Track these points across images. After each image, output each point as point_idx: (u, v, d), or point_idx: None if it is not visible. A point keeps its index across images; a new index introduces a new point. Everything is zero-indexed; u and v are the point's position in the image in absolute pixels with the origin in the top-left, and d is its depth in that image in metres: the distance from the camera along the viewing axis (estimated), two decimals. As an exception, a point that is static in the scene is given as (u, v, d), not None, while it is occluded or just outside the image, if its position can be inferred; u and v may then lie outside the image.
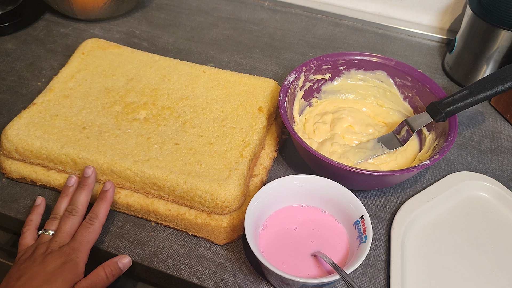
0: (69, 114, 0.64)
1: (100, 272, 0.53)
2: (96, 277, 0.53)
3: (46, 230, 0.56)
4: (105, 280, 0.53)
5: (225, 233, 0.57)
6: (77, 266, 0.52)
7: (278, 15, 0.97)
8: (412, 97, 0.70)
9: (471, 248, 0.59)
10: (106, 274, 0.54)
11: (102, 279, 0.53)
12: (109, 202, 0.58)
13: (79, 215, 0.56)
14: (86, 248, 0.54)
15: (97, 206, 0.57)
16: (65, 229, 0.55)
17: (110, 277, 0.54)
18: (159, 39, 0.89)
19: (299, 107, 0.70)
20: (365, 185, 0.62)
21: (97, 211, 0.56)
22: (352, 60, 0.71)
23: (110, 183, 0.58)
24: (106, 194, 0.58)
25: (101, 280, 0.53)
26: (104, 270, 0.54)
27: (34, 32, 0.90)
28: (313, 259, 0.53)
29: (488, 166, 0.69)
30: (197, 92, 0.68)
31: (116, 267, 0.55)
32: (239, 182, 0.57)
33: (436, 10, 0.92)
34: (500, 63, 0.77)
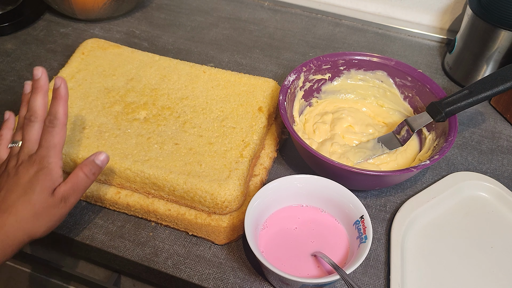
0: (69, 114, 0.64)
1: (79, 173, 0.52)
2: (75, 178, 0.52)
3: (14, 141, 0.55)
4: (85, 179, 0.52)
5: (225, 233, 0.57)
6: (52, 171, 0.51)
7: (278, 15, 0.97)
8: (412, 97, 0.70)
9: (471, 248, 0.59)
10: (86, 174, 0.52)
11: (82, 179, 0.52)
12: (65, 99, 0.53)
13: (39, 120, 0.53)
14: (56, 152, 0.52)
15: (53, 106, 0.53)
16: (29, 138, 0.53)
17: (90, 176, 0.52)
18: (159, 39, 0.89)
19: (299, 107, 0.70)
20: (365, 185, 0.62)
21: (54, 111, 0.53)
22: (352, 60, 0.71)
23: (59, 79, 0.53)
24: (58, 91, 0.53)
25: (81, 180, 0.52)
26: (82, 171, 0.52)
27: (34, 32, 0.90)
28: (313, 259, 0.53)
29: (488, 166, 0.69)
30: (197, 92, 0.68)
31: (94, 165, 0.53)
32: (239, 182, 0.57)
33: (436, 10, 0.92)
34: (500, 63, 0.77)
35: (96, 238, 0.59)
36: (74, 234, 0.60)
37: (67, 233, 0.60)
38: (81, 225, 0.60)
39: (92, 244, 0.59)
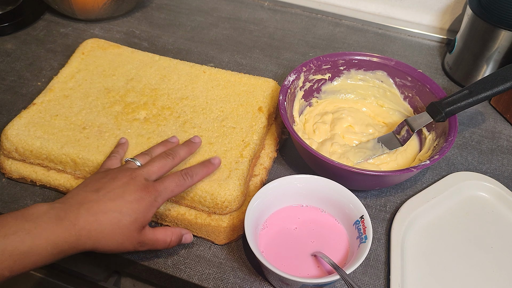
0: (69, 114, 0.64)
1: (167, 236, 0.52)
2: (163, 237, 0.52)
3: (134, 159, 0.55)
4: (165, 245, 0.53)
5: (225, 233, 0.57)
6: (152, 209, 0.50)
7: (278, 15, 0.97)
8: (412, 97, 0.70)
9: (471, 248, 0.59)
10: (170, 242, 0.53)
11: (165, 242, 0.52)
12: (210, 171, 0.56)
13: (174, 162, 0.54)
14: (167, 197, 0.52)
15: (198, 167, 0.55)
16: (154, 165, 0.53)
17: (170, 245, 0.53)
18: (159, 39, 0.89)
19: (299, 107, 0.70)
20: (365, 185, 0.62)
21: (196, 171, 0.54)
22: (352, 60, 0.71)
23: (218, 159, 0.57)
24: (211, 165, 0.56)
25: (163, 243, 0.52)
26: (171, 237, 0.53)
27: (34, 32, 0.90)
28: (313, 259, 0.53)
29: (488, 166, 0.69)
30: (197, 92, 0.68)
31: (179, 239, 0.54)
32: (239, 182, 0.57)
33: (436, 10, 0.92)
34: (500, 63, 0.77)
35: (96, 238, 0.59)
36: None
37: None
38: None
39: (92, 244, 0.59)
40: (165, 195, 0.51)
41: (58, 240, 0.45)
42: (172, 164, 0.54)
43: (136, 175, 0.51)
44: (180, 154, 0.56)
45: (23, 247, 0.42)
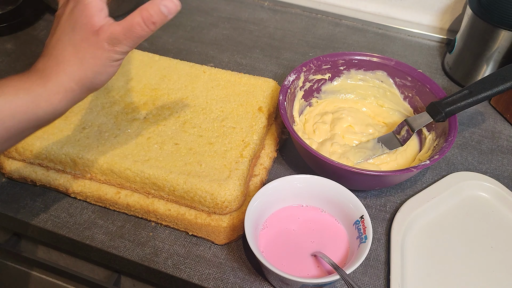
0: (69, 114, 0.64)
1: (135, 16, 0.43)
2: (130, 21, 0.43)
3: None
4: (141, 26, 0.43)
5: (225, 233, 0.57)
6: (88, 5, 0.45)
7: (278, 15, 0.97)
8: (412, 97, 0.70)
9: (471, 248, 0.59)
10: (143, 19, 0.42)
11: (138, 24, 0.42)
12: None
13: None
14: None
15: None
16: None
17: (149, 24, 0.43)
18: (159, 39, 0.89)
19: (299, 107, 0.70)
20: (365, 185, 0.62)
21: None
22: (352, 60, 0.71)
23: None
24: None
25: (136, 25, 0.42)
26: (140, 14, 0.42)
27: (34, 32, 0.90)
28: (313, 259, 0.53)
29: (488, 166, 0.69)
30: (197, 92, 0.68)
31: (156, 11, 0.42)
32: (239, 182, 0.57)
33: (436, 10, 0.92)
34: (500, 63, 0.77)
35: (96, 238, 0.59)
36: (74, 234, 0.60)
37: (67, 233, 0.60)
38: (81, 225, 0.60)
39: (92, 244, 0.59)
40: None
41: None
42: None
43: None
44: None
45: None
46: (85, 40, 0.43)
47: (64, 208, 0.62)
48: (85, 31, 0.43)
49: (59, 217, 0.61)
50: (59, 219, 0.61)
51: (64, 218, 0.61)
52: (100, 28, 0.44)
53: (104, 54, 0.43)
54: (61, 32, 0.44)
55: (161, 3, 0.42)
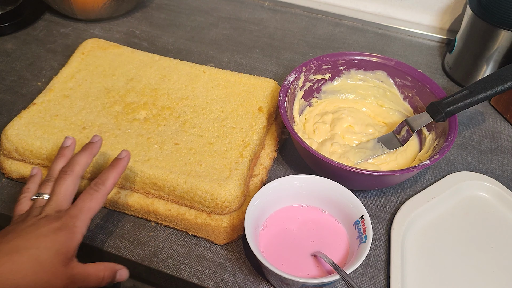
0: (69, 114, 0.64)
1: (100, 272, 0.48)
2: (95, 272, 0.48)
3: (40, 193, 0.51)
4: (98, 282, 0.48)
5: (225, 233, 0.57)
6: (74, 236, 0.46)
7: (278, 15, 0.97)
8: (412, 97, 0.70)
9: (471, 248, 0.59)
10: (104, 278, 0.49)
11: (97, 278, 0.48)
12: (121, 171, 0.52)
13: (74, 175, 0.50)
14: (87, 217, 0.48)
15: (106, 172, 0.51)
16: (60, 191, 0.49)
17: (103, 282, 0.49)
18: (159, 39, 0.89)
19: (299, 107, 0.70)
20: (365, 185, 0.62)
21: (105, 177, 0.50)
22: (352, 60, 0.71)
23: (126, 152, 0.53)
24: (119, 162, 0.52)
25: (96, 279, 0.48)
26: (104, 273, 0.49)
27: (34, 32, 0.90)
28: (313, 259, 0.53)
29: (488, 166, 0.69)
30: (197, 92, 0.68)
31: (113, 274, 0.50)
32: (239, 182, 0.57)
33: (436, 10, 0.92)
34: (500, 63, 0.77)
35: (96, 238, 0.59)
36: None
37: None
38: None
39: (92, 244, 0.59)
40: (84, 217, 0.48)
41: None
42: (74, 179, 0.50)
43: (46, 212, 0.48)
44: (80, 163, 0.51)
45: None
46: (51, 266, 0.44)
47: (64, 208, 0.62)
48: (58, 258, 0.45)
49: (59, 217, 0.61)
50: (59, 219, 0.61)
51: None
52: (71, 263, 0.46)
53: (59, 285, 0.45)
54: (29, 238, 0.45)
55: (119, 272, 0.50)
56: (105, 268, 0.49)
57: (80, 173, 0.51)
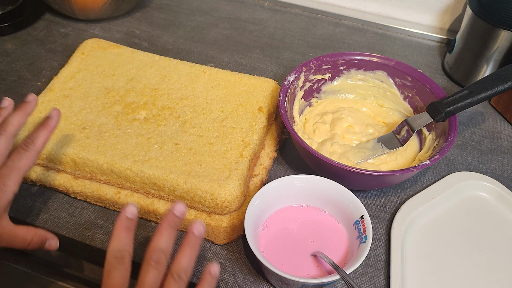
0: (69, 114, 0.64)
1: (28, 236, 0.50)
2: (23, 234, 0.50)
3: None
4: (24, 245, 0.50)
5: (225, 233, 0.57)
6: (3, 194, 0.48)
7: (278, 15, 0.97)
8: (412, 97, 0.70)
9: (471, 248, 0.59)
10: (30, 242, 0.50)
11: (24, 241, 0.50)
12: (51, 130, 0.51)
13: (7, 135, 0.50)
14: (18, 176, 0.49)
15: (36, 131, 0.51)
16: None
17: (30, 246, 0.51)
18: (159, 39, 0.89)
19: (299, 107, 0.70)
20: (365, 185, 0.62)
21: (34, 136, 0.50)
22: (352, 60, 0.71)
23: (56, 110, 0.52)
24: (49, 121, 0.52)
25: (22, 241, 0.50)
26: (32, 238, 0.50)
27: (34, 32, 0.90)
28: (313, 259, 0.53)
29: (488, 166, 0.69)
30: (197, 92, 0.68)
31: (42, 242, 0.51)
32: (239, 182, 0.57)
33: (436, 10, 0.92)
34: (500, 63, 0.77)
35: (96, 238, 0.59)
36: (74, 234, 0.59)
37: (67, 233, 0.60)
38: (81, 225, 0.60)
39: (92, 244, 0.59)
40: (14, 176, 0.48)
41: None
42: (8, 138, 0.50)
43: None
44: (13, 123, 0.51)
45: None
46: None
47: (64, 208, 0.62)
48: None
49: (59, 217, 0.61)
50: (59, 219, 0.61)
51: (64, 218, 0.61)
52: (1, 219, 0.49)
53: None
54: None
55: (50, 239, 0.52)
56: (34, 233, 0.50)
57: (13, 132, 0.51)
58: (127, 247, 0.44)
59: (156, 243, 0.44)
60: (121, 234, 0.44)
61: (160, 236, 0.44)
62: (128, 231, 0.45)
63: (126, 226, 0.45)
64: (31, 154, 0.50)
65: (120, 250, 0.44)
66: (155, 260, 0.43)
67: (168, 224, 0.45)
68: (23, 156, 0.49)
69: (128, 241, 0.45)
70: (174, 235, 0.45)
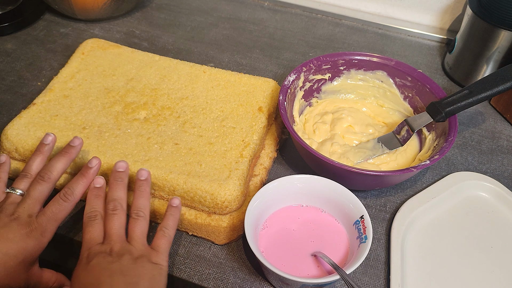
0: (69, 114, 0.64)
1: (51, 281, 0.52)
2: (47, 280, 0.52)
3: (14, 188, 0.53)
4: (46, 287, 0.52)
5: (225, 233, 0.57)
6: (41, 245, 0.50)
7: (278, 15, 0.97)
8: (412, 97, 0.70)
9: (471, 248, 0.59)
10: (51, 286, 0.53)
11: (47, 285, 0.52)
12: (90, 180, 0.54)
13: (51, 182, 0.53)
14: (54, 226, 0.51)
15: (76, 181, 0.53)
16: (34, 195, 0.51)
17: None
18: (159, 39, 0.89)
19: (299, 107, 0.70)
20: (365, 185, 0.62)
21: (74, 187, 0.53)
22: (352, 60, 0.71)
23: (97, 159, 0.55)
24: (88, 171, 0.54)
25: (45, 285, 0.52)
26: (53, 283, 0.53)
27: (34, 32, 0.90)
28: (313, 259, 0.53)
29: (488, 166, 0.69)
30: (197, 92, 0.68)
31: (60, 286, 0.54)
32: (239, 182, 0.57)
33: (436, 10, 0.92)
34: (500, 63, 0.77)
35: (96, 238, 0.59)
36: (74, 234, 0.59)
37: (67, 233, 0.59)
38: (81, 225, 0.60)
39: (92, 244, 0.59)
40: (52, 226, 0.51)
41: None
42: (49, 185, 0.53)
43: (18, 215, 0.50)
44: (58, 169, 0.54)
45: None
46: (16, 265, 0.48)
47: (64, 208, 0.62)
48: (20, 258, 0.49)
49: (59, 217, 0.61)
50: (59, 219, 0.61)
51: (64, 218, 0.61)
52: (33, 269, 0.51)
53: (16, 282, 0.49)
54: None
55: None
56: (56, 280, 0.53)
57: (56, 178, 0.54)
58: (97, 207, 0.52)
59: (109, 196, 0.53)
60: (91, 200, 0.53)
61: (111, 190, 0.53)
62: (98, 197, 0.53)
63: (95, 194, 0.53)
64: (69, 205, 0.53)
65: (91, 211, 0.52)
66: (112, 208, 0.51)
67: (114, 179, 0.54)
68: (62, 207, 0.52)
69: (98, 203, 0.53)
70: (123, 187, 0.53)
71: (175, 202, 0.54)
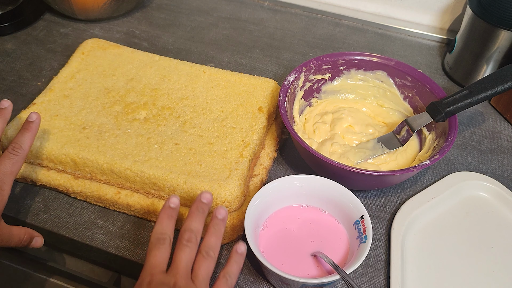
0: (69, 114, 0.64)
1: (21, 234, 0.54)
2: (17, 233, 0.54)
3: None
4: (19, 243, 0.54)
5: (225, 233, 0.57)
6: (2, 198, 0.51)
7: (278, 15, 0.97)
8: (412, 97, 0.70)
9: (471, 248, 0.59)
10: (23, 240, 0.54)
11: (19, 240, 0.54)
12: (34, 132, 0.55)
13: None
14: (11, 180, 0.53)
15: (21, 135, 0.55)
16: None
17: (22, 244, 0.55)
18: (159, 39, 0.89)
19: (299, 107, 0.70)
20: (365, 185, 0.62)
21: (21, 141, 0.54)
22: (352, 60, 0.71)
23: (36, 114, 0.56)
24: (31, 124, 0.56)
25: (17, 240, 0.54)
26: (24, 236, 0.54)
27: (34, 32, 0.90)
28: (313, 259, 0.53)
29: (488, 166, 0.69)
30: (197, 92, 0.68)
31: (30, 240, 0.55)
32: (239, 182, 0.57)
33: (436, 10, 0.92)
34: (500, 63, 0.77)
35: (96, 238, 0.59)
36: (74, 234, 0.60)
37: (67, 233, 0.60)
38: (81, 225, 0.60)
39: (92, 244, 0.59)
40: (8, 180, 0.52)
41: None
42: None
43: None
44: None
45: None
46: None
47: (64, 208, 0.62)
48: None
49: (59, 217, 0.61)
50: (59, 219, 0.61)
51: (64, 218, 0.61)
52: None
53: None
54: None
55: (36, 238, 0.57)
56: (25, 232, 0.55)
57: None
58: (168, 231, 0.49)
59: (187, 225, 0.50)
60: (164, 220, 0.50)
61: (190, 219, 0.50)
62: (170, 218, 0.50)
63: (168, 214, 0.50)
64: (20, 158, 0.54)
65: (162, 233, 0.49)
66: (186, 239, 0.48)
67: (196, 209, 0.51)
68: (14, 161, 0.53)
69: (170, 226, 0.50)
70: (202, 219, 0.51)
71: (240, 249, 0.50)
